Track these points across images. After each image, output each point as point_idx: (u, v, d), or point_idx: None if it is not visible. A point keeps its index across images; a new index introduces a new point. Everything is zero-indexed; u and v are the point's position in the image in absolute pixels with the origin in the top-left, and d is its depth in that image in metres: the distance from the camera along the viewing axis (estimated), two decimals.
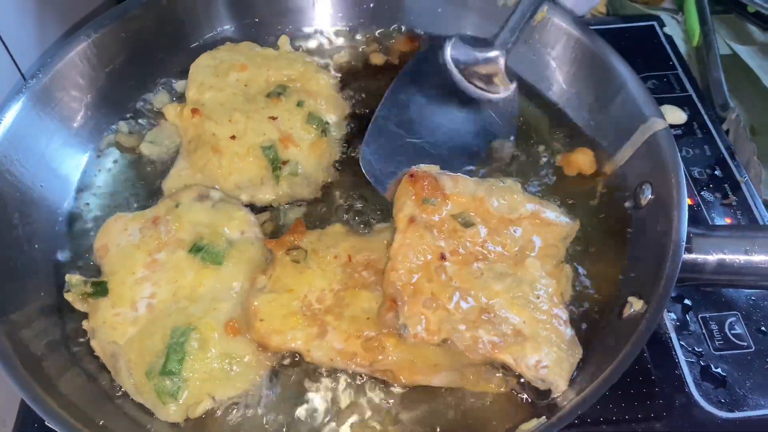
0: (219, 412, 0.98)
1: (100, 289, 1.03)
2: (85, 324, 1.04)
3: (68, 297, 1.05)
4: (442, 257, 1.00)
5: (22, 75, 1.30)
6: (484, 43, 1.24)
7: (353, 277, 1.03)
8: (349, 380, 1.01)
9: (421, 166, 1.09)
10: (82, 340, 1.04)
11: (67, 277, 1.06)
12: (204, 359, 0.97)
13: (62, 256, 1.13)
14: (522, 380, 0.97)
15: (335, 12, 1.43)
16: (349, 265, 1.04)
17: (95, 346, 1.01)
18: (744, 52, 1.63)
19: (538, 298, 0.99)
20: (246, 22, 1.38)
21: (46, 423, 0.88)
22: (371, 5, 1.42)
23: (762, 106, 1.53)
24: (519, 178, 1.18)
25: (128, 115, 1.29)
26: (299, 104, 1.25)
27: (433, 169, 1.09)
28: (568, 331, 0.98)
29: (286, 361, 1.02)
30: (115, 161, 1.25)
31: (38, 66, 1.17)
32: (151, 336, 0.98)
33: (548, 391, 0.95)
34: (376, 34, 1.44)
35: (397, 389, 1.00)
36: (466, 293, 0.97)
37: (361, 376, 1.01)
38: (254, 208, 1.17)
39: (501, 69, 1.23)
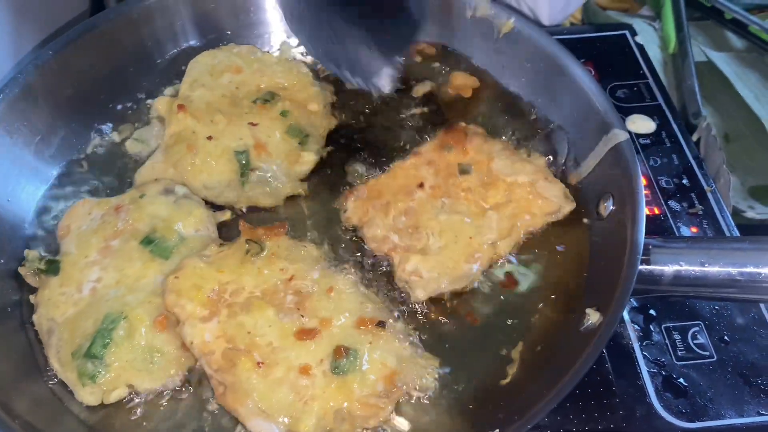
0: (133, 404, 1.01)
1: (52, 268, 1.08)
2: (32, 298, 1.08)
3: (21, 270, 1.09)
4: (421, 185, 1.17)
5: None
6: None
7: (276, 293, 1.03)
8: None
9: (463, 124, 1.25)
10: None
11: (26, 251, 1.10)
12: (128, 348, 1.00)
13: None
14: None
15: None
16: (285, 283, 1.04)
17: (36, 320, 1.05)
18: (719, 58, 1.63)
19: (471, 238, 1.11)
20: (212, 37, 1.39)
21: None
22: None
23: (736, 113, 1.54)
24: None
25: (98, 128, 1.30)
26: (283, 114, 1.25)
27: (475, 129, 1.25)
28: (467, 271, 1.09)
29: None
30: (85, 171, 1.26)
31: (4, 82, 1.18)
32: (86, 318, 1.02)
33: None
34: None
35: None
36: (414, 213, 1.14)
37: None
38: (216, 207, 1.20)
39: None
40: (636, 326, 1.13)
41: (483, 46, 1.37)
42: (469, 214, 1.14)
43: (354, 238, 1.17)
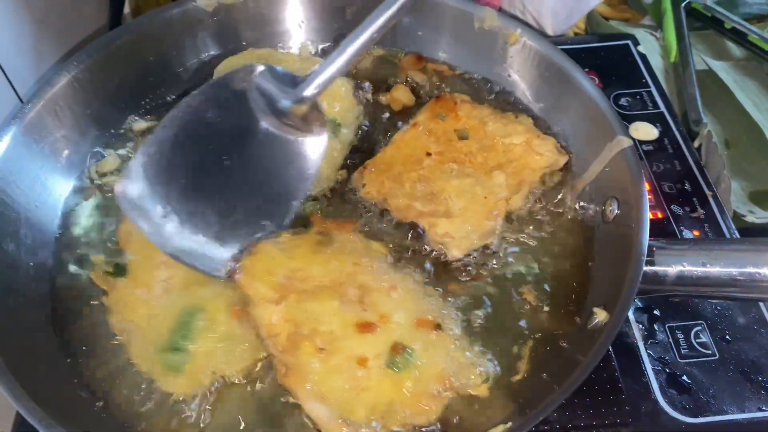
0: (210, 392, 1.04)
1: (119, 270, 1.12)
2: (104, 299, 1.11)
3: (92, 275, 1.13)
4: (428, 154, 1.24)
5: (19, 98, 1.35)
6: (293, 82, 1.10)
7: (341, 285, 1.07)
8: None
9: (456, 95, 1.34)
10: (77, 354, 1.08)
11: (93, 257, 1.16)
12: (208, 338, 1.04)
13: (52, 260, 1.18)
14: None
15: (319, 35, 1.49)
16: (350, 276, 1.08)
17: (113, 323, 1.09)
18: (719, 67, 1.67)
19: (486, 198, 1.19)
20: (231, 47, 1.43)
21: None
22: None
23: (736, 120, 1.58)
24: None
25: (119, 139, 1.34)
26: None
27: (462, 96, 1.34)
28: (493, 226, 1.18)
29: None
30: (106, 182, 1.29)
31: (33, 92, 1.22)
32: (164, 315, 1.06)
33: None
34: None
35: None
36: (428, 179, 1.21)
37: None
38: None
39: (306, 113, 1.10)
40: (641, 326, 1.17)
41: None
42: (478, 176, 1.22)
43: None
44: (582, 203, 1.24)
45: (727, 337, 1.16)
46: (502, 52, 1.38)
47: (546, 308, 1.13)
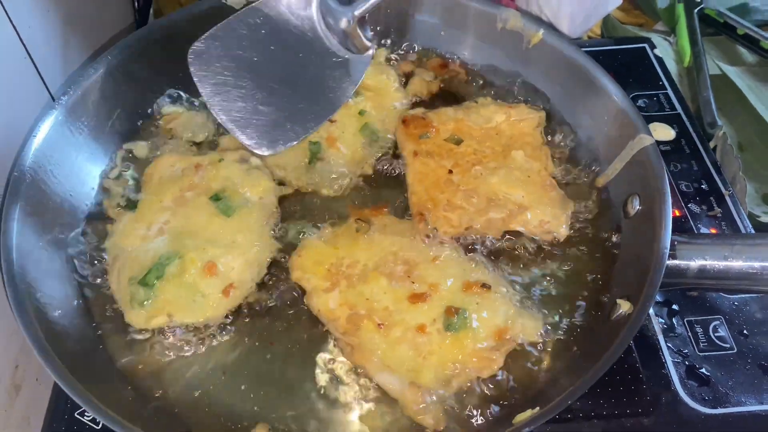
0: (169, 337, 1.12)
1: (131, 204, 1.23)
2: (109, 227, 1.21)
3: (106, 203, 1.25)
4: (450, 172, 1.25)
5: (50, 95, 1.38)
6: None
7: (387, 264, 1.13)
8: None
9: (410, 111, 1.36)
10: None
11: (113, 188, 1.27)
12: (176, 284, 1.11)
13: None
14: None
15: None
16: (393, 255, 1.15)
17: (107, 246, 1.19)
18: (733, 72, 1.70)
19: (529, 176, 1.24)
20: None
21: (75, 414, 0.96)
22: (378, 28, 1.49)
23: (749, 124, 1.61)
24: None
25: (149, 128, 1.37)
26: (361, 113, 1.34)
27: (419, 111, 1.35)
28: (558, 193, 1.24)
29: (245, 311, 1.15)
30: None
31: (68, 84, 1.25)
32: (148, 252, 1.14)
33: None
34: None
35: None
36: (473, 191, 1.22)
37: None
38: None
39: (356, 29, 1.25)
40: (660, 320, 1.19)
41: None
42: (504, 164, 1.26)
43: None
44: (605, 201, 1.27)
45: (745, 331, 1.18)
46: (524, 52, 1.40)
47: (568, 301, 1.16)
